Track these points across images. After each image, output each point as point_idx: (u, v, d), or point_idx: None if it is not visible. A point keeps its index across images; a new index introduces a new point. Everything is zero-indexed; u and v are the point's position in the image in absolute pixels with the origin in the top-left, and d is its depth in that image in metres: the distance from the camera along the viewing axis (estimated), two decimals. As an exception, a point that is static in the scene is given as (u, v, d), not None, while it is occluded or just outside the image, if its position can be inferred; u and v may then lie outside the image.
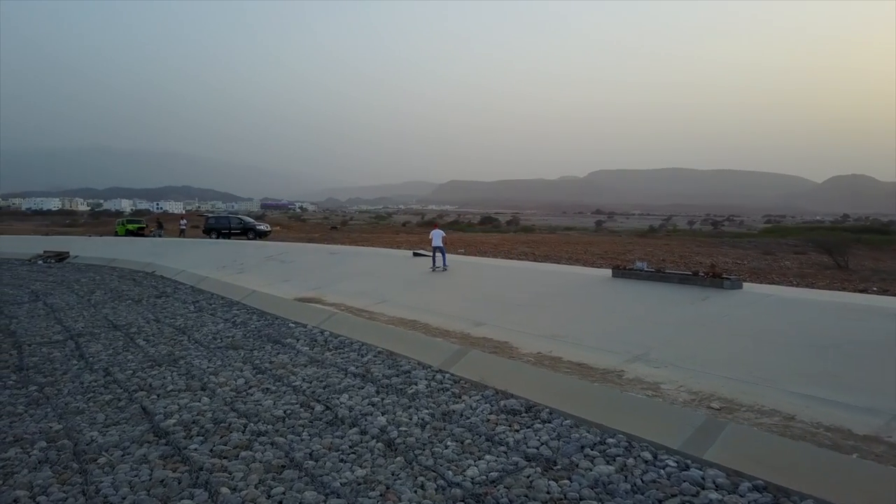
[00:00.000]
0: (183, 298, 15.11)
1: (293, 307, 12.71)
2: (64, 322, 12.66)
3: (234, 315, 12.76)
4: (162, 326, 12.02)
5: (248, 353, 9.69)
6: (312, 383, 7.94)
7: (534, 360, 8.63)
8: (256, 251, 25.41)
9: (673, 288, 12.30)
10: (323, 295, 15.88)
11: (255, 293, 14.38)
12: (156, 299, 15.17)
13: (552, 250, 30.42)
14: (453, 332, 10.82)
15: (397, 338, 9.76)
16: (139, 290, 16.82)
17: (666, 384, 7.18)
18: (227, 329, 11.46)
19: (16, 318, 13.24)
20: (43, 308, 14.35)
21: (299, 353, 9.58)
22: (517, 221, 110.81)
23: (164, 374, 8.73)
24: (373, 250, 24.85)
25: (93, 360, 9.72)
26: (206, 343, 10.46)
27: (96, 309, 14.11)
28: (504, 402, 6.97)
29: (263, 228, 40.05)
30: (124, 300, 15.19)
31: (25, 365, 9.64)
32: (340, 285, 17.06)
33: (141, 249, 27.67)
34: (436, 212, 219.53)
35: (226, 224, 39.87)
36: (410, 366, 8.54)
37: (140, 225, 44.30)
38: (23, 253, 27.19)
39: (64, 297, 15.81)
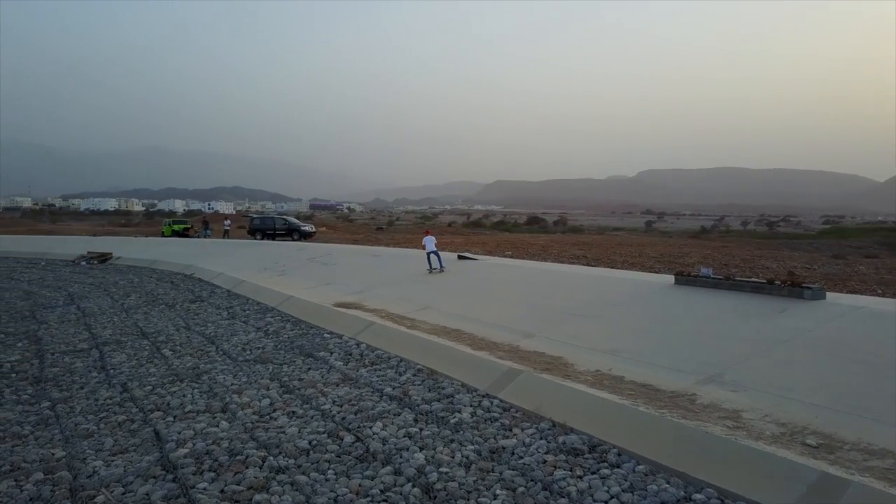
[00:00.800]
0: (217, 304, 14.55)
1: (329, 315, 11.93)
2: (92, 328, 12.20)
3: (267, 323, 12.07)
4: (191, 335, 11.41)
5: (278, 367, 8.93)
6: (343, 407, 7.09)
7: (592, 380, 7.63)
8: (299, 253, 24.92)
9: (745, 298, 11.09)
10: (364, 300, 15.13)
11: (291, 299, 13.69)
12: (190, 304, 14.65)
13: (604, 253, 29.09)
14: (501, 345, 9.89)
15: (440, 354, 8.83)
16: (174, 293, 16.37)
17: (748, 412, 6.09)
18: (257, 339, 10.76)
19: (46, 323, 12.87)
20: (75, 313, 13.98)
21: (332, 368, 8.76)
22: (564, 222, 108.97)
23: (184, 390, 8.03)
24: (416, 253, 24.02)
25: (114, 372, 9.13)
26: (235, 355, 9.76)
27: (128, 314, 13.65)
28: (563, 438, 5.97)
29: (308, 229, 39.75)
30: (158, 305, 14.72)
31: (44, 376, 9.11)
32: (382, 290, 16.28)
33: (183, 251, 27.52)
34: (481, 212, 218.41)
35: (270, 225, 39.72)
36: (454, 388, 7.59)
37: (186, 225, 44.59)
38: (69, 254, 27.36)
39: (98, 301, 15.46)
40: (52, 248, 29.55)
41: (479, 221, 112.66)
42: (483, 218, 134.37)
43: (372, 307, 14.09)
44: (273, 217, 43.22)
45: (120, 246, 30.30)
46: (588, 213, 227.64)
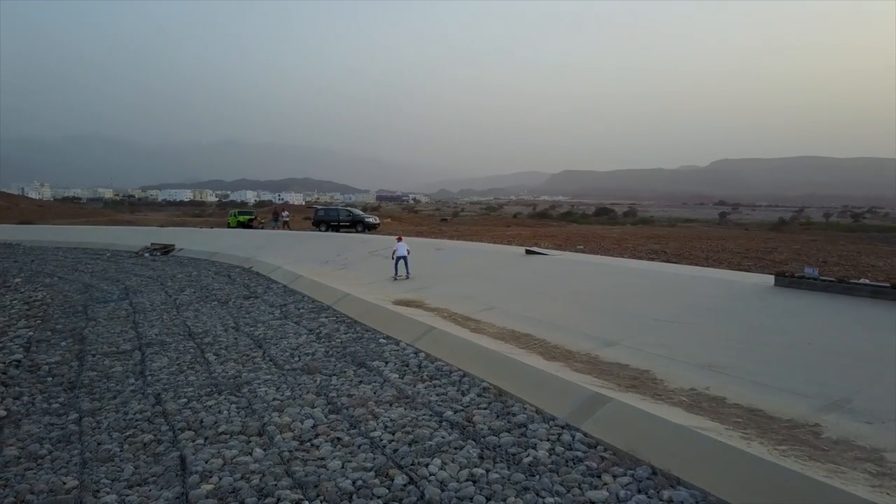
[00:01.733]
0: (271, 301, 13.83)
1: (387, 317, 10.94)
2: (140, 327, 11.65)
3: (320, 324, 11.20)
4: (239, 336, 10.65)
5: (326, 379, 7.98)
6: (396, 434, 6.05)
7: (688, 401, 6.41)
8: (361, 246, 24.20)
9: (864, 304, 9.49)
10: (425, 297, 14.15)
11: (347, 297, 12.80)
12: (243, 301, 14.00)
13: (684, 247, 27.12)
14: (577, 354, 8.74)
15: (509, 369, 7.65)
16: (229, 288, 15.81)
17: (892, 453, 4.74)
18: (308, 343, 9.88)
19: (95, 320, 12.44)
20: (126, 309, 13.55)
21: (386, 382, 7.74)
22: (634, 213, 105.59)
23: (221, 405, 7.19)
24: (481, 247, 22.90)
25: (151, 379, 8.41)
26: (281, 362, 8.89)
27: (179, 311, 13.10)
28: (668, 493, 4.72)
29: (372, 221, 39.22)
30: (210, 301, 14.15)
31: (80, 382, 8.49)
32: (445, 287, 15.26)
33: (246, 243, 27.27)
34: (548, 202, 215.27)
35: (335, 216, 39.40)
36: (527, 415, 6.42)
37: (250, 216, 44.57)
38: (134, 245, 27.58)
39: (152, 296, 15.04)
40: (119, 239, 29.92)
41: (546, 212, 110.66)
42: (549, 209, 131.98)
43: (433, 305, 13.10)
44: (338, 208, 43.00)
45: (184, 237, 30.40)
46: (658, 204, 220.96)
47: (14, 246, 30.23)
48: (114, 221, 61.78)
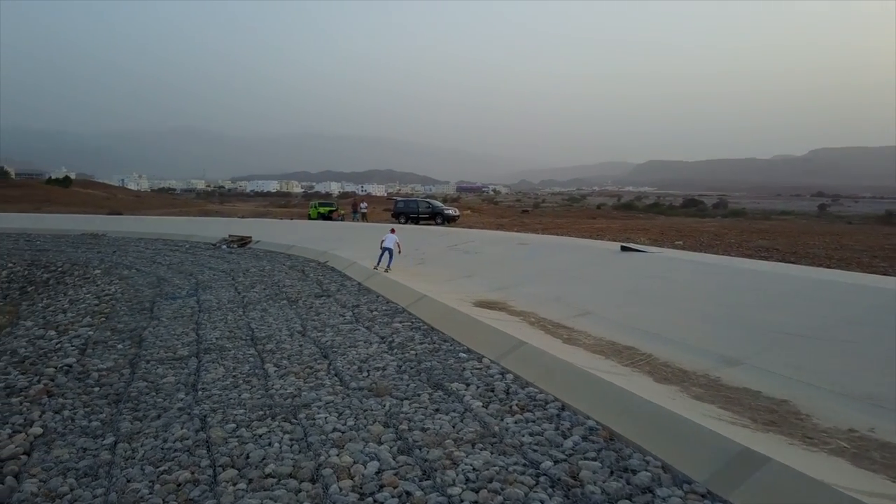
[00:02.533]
0: (343, 301, 12.81)
1: (468, 326, 9.63)
2: (202, 328, 10.86)
3: (393, 331, 10.02)
4: (305, 343, 9.62)
5: (397, 404, 6.76)
6: (481, 494, 4.72)
7: (850, 448, 4.95)
8: (440, 239, 23.05)
9: None
10: (509, 298, 12.82)
11: (424, 299, 11.58)
12: (314, 300, 13.06)
13: (796, 244, 24.44)
14: (693, 374, 7.27)
15: (619, 402, 6.16)
16: (301, 286, 14.95)
17: None
18: (378, 354, 8.70)
19: (158, 319, 11.77)
20: (192, 307, 12.86)
21: (467, 412, 6.43)
22: (725, 204, 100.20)
23: (273, 434, 6.11)
24: (569, 241, 21.26)
25: (202, 394, 7.47)
26: (347, 378, 7.74)
27: (245, 311, 12.27)
28: None
29: (452, 213, 38.13)
30: (279, 300, 13.28)
31: (127, 394, 7.60)
32: (531, 287, 13.88)
33: (323, 235, 26.66)
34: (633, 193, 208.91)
35: (414, 208, 38.57)
36: (650, 473, 4.94)
37: (331, 208, 44.24)
38: (214, 236, 27.48)
39: (220, 293, 14.37)
40: (200, 230, 29.95)
41: (631, 204, 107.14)
42: (635, 200, 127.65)
43: (518, 308, 11.76)
44: (417, 200, 42.20)
45: (263, 229, 30.18)
46: (750, 196, 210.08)
47: (100, 237, 30.89)
48: (204, 212, 63.52)
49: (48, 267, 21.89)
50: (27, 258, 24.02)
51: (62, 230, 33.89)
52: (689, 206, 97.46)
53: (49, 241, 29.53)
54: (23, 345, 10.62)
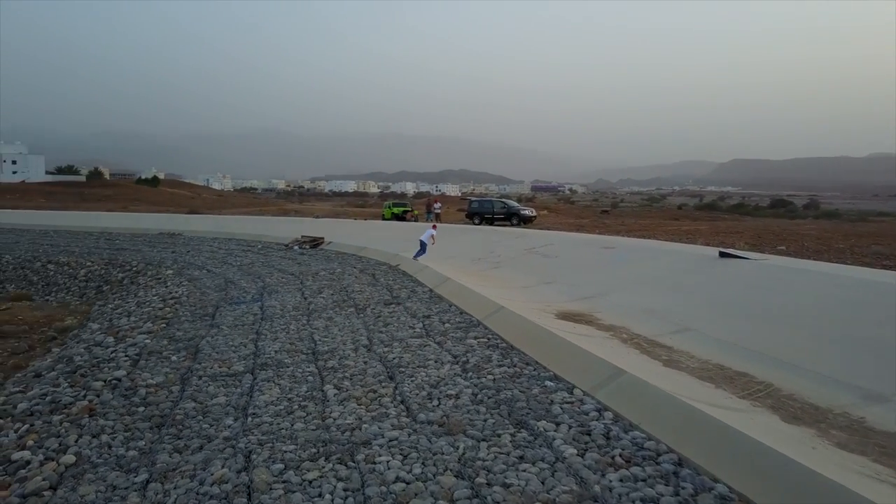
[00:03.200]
0: (414, 310, 11.82)
1: (553, 345, 8.41)
2: (262, 339, 10.08)
3: (467, 348, 8.92)
4: (370, 359, 8.67)
5: (472, 446, 5.63)
6: None
7: None
8: (517, 241, 21.87)
9: None
10: (595, 310, 11.58)
11: (501, 311, 10.43)
12: (383, 308, 12.13)
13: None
14: (829, 412, 6.33)
15: (756, 462, 4.80)
16: (370, 291, 14.08)
17: None
18: (451, 378, 7.62)
19: (219, 327, 11.10)
20: (255, 313, 12.12)
21: (559, 462, 5.25)
22: (816, 205, 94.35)
23: (324, 482, 5.18)
24: (657, 245, 19.60)
25: (252, 420, 6.61)
26: (415, 407, 6.71)
27: (310, 319, 11.45)
28: None
29: (528, 213, 36.80)
30: (347, 307, 12.43)
31: (172, 416, 6.82)
32: (619, 296, 12.58)
33: (396, 236, 25.92)
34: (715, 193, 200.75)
35: (489, 208, 37.45)
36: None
37: (405, 208, 43.64)
38: (286, 237, 27.16)
39: (286, 298, 13.66)
40: (273, 230, 29.81)
41: (714, 204, 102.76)
42: (718, 200, 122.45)
43: (607, 321, 10.51)
44: (492, 200, 41.03)
45: (336, 229, 29.78)
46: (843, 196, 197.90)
47: (176, 236, 31.23)
48: (282, 211, 64.60)
49: (123, 266, 22.01)
50: (105, 257, 24.33)
51: (140, 229, 34.69)
52: (776, 206, 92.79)
53: (128, 240, 30.09)
54: (80, 351, 10.14)
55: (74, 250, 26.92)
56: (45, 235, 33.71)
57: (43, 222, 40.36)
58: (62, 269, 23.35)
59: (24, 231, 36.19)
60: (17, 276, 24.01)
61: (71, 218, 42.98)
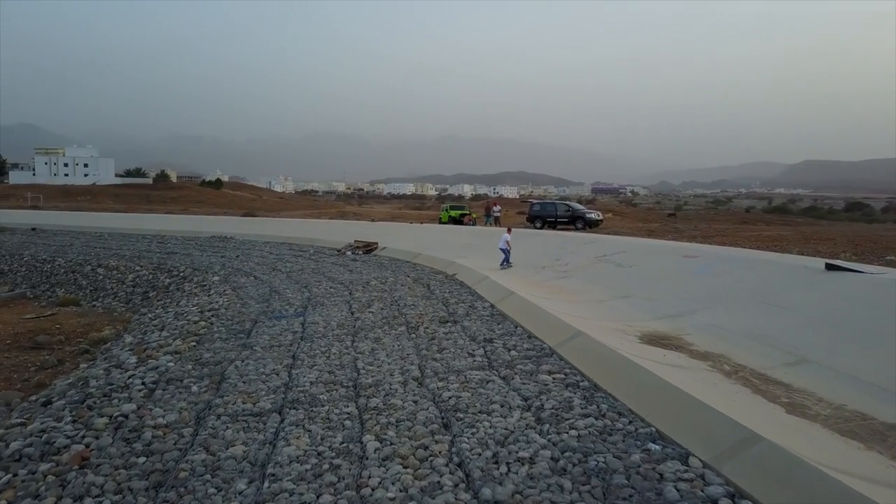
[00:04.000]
0: (473, 331, 10.25)
1: (650, 385, 6.69)
2: (297, 366, 8.67)
3: (542, 387, 7.29)
4: (420, 398, 7.15)
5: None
6: None
7: None
8: (585, 248, 19.98)
9: None
10: (683, 331, 9.81)
11: (579, 338, 8.73)
12: (437, 328, 10.62)
13: None
14: None
15: None
16: (424, 305, 12.60)
17: None
18: (522, 430, 6.02)
19: (252, 347, 9.71)
20: (295, 331, 10.75)
21: None
22: (895, 209, 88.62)
23: None
24: (746, 255, 17.34)
25: (270, 487, 5.15)
26: (476, 474, 5.15)
27: (355, 341, 10.02)
28: None
29: (594, 217, 34.66)
30: (397, 325, 10.97)
31: (175, 474, 5.46)
32: (710, 314, 10.75)
33: (454, 241, 24.42)
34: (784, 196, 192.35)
35: (552, 211, 35.46)
36: None
37: (463, 211, 41.81)
38: (340, 241, 26.04)
39: (332, 312, 12.28)
40: (328, 234, 28.74)
41: (784, 207, 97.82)
42: (788, 203, 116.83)
43: (701, 347, 8.74)
44: (555, 203, 38.92)
45: (392, 234, 28.48)
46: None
47: (228, 239, 30.52)
48: (341, 213, 64.25)
49: (171, 272, 21.20)
50: (155, 261, 23.64)
51: (193, 232, 34.34)
52: (852, 209, 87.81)
53: (179, 244, 29.55)
54: (99, 374, 8.98)
55: (125, 254, 26.45)
56: (98, 238, 33.69)
57: (98, 224, 40.77)
58: (111, 273, 22.75)
59: (80, 233, 36.43)
60: (67, 279, 23.58)
61: (125, 220, 43.22)
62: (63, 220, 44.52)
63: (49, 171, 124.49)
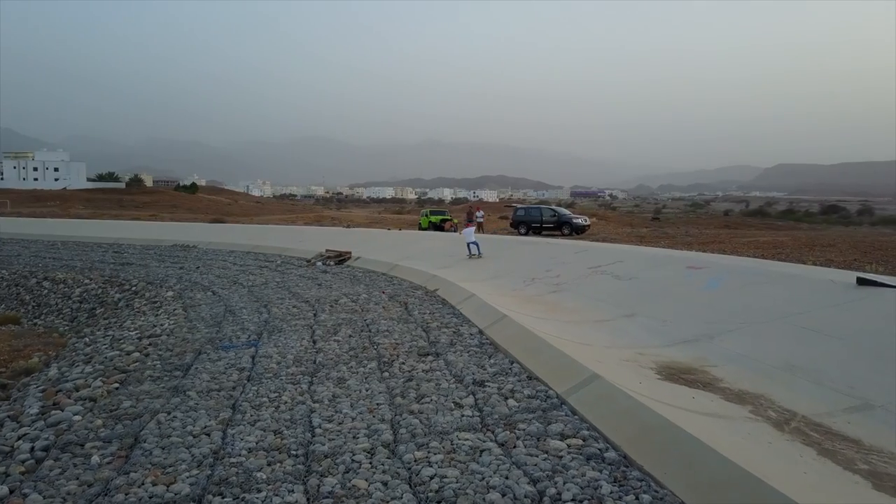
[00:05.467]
0: (459, 368, 8.40)
1: (701, 462, 4.87)
2: (235, 422, 6.72)
3: (554, 462, 5.45)
4: (392, 479, 5.29)
5: None
6: None
7: None
8: (576, 257, 18.26)
9: None
10: (707, 361, 8.18)
11: (595, 383, 6.89)
12: (416, 364, 8.76)
13: None
14: None
15: None
16: (400, 331, 10.72)
17: None
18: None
19: (185, 392, 7.76)
20: (244, 365, 8.81)
21: None
22: (870, 211, 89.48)
23: None
24: (757, 265, 15.61)
25: None
26: None
27: (313, 383, 8.13)
28: None
29: (581, 222, 33.04)
30: (367, 359, 9.08)
31: None
32: (735, 339, 9.09)
33: (435, 250, 22.56)
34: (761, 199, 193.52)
35: (537, 217, 33.79)
36: None
37: (444, 217, 39.58)
38: (311, 250, 24.02)
39: (290, 341, 10.32)
40: (298, 242, 26.59)
41: (762, 210, 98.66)
42: (765, 206, 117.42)
43: (734, 385, 7.08)
44: (540, 207, 37.22)
45: (367, 241, 26.56)
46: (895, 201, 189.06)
47: (190, 248, 28.33)
48: (318, 218, 62.54)
49: (122, 285, 19.08)
50: (107, 273, 21.46)
51: (154, 240, 31.80)
52: (828, 212, 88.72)
53: (137, 253, 27.27)
54: (6, 417, 7.07)
55: (76, 265, 24.17)
56: (52, 247, 31.19)
57: (56, 232, 37.67)
58: (57, 287, 20.57)
59: (32, 242, 33.75)
60: (9, 294, 21.36)
61: (85, 227, 40.60)
62: (19, 227, 41.74)
63: (18, 176, 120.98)
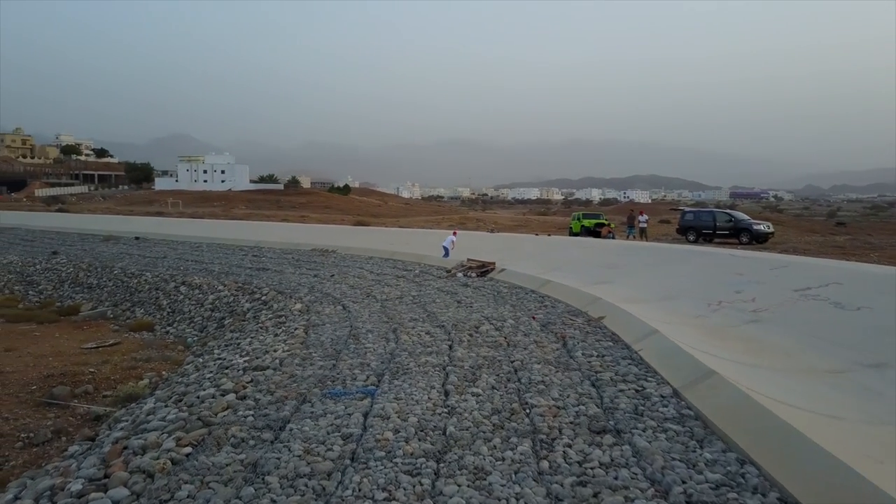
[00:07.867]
0: (657, 468, 5.53)
1: None
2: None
3: None
4: None
5: None
6: None
7: None
8: (773, 274, 14.43)
9: None
10: None
11: None
12: (585, 445, 6.01)
13: None
14: None
15: None
16: (560, 382, 7.98)
17: None
18: None
19: (265, 477, 5.58)
20: (347, 434, 6.50)
21: None
22: None
23: None
24: None
25: None
26: None
27: (440, 468, 5.62)
28: None
29: (763, 229, 28.28)
30: (516, 431, 6.44)
31: None
32: None
33: (590, 262, 19.53)
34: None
35: (709, 221, 29.44)
36: None
37: (599, 221, 35.29)
38: (454, 259, 21.83)
39: (415, 390, 7.90)
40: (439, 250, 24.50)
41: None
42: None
43: None
44: (712, 211, 32.55)
45: (513, 249, 24.01)
46: None
47: (328, 254, 27.15)
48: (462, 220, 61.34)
49: (254, 294, 17.94)
50: (241, 279, 20.59)
51: (293, 244, 31.40)
52: None
53: (275, 258, 26.56)
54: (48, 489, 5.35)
55: (215, 269, 23.75)
56: (196, 249, 31.74)
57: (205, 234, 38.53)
58: (192, 292, 19.95)
59: (181, 243, 34.80)
60: (149, 298, 21.12)
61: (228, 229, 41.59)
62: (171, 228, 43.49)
63: (190, 178, 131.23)
